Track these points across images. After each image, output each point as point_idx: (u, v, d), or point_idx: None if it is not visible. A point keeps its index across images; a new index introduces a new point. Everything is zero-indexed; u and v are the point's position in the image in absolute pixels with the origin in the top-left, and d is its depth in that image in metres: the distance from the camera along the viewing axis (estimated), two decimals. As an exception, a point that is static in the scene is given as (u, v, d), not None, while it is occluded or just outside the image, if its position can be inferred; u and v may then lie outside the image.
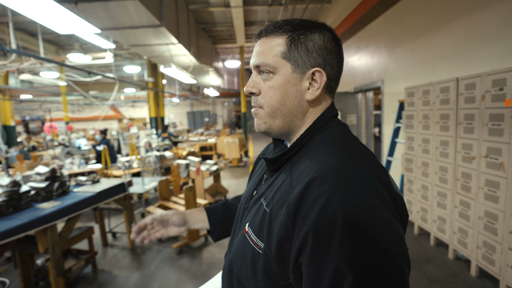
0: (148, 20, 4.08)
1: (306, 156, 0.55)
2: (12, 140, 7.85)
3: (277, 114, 0.59)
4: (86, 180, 2.96)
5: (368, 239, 0.42)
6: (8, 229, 1.85)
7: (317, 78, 0.58)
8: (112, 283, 2.51)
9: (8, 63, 4.46)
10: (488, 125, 2.12)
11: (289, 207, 0.48)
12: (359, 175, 0.48)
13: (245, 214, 0.65)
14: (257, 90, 0.60)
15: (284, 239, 0.49)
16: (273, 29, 0.58)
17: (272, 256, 0.50)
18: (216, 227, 0.91)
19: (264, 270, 0.52)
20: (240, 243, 0.61)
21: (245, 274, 0.57)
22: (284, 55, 0.57)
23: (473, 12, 2.51)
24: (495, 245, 2.10)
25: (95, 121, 17.63)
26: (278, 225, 0.50)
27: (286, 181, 0.55)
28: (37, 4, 2.43)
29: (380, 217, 0.44)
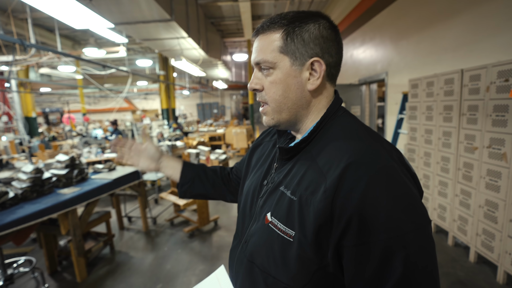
0: (159, 15, 4.19)
1: (327, 145, 0.56)
2: (34, 131, 8.24)
3: (282, 108, 0.60)
4: (103, 168, 3.14)
5: (409, 215, 0.46)
6: (33, 212, 2.00)
7: (317, 68, 0.58)
8: (128, 263, 2.70)
9: (28, 58, 4.69)
10: (491, 116, 2.14)
11: (326, 193, 0.49)
12: (385, 157, 0.50)
13: (259, 204, 0.64)
14: (260, 86, 0.61)
15: (322, 225, 0.49)
16: (269, 25, 0.59)
17: (309, 242, 0.51)
18: (186, 182, 0.92)
19: (297, 257, 0.52)
20: (262, 233, 0.60)
21: (273, 263, 0.56)
22: (281, 50, 0.58)
23: (479, 4, 2.49)
24: (494, 233, 2.15)
25: (110, 112, 18.11)
26: (315, 212, 0.50)
27: (311, 168, 0.55)
28: (54, 0, 2.58)
29: (412, 195, 0.48)
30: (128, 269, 2.61)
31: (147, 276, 2.49)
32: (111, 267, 2.66)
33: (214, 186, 0.95)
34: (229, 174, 0.98)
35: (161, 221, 3.67)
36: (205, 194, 0.95)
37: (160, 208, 4.14)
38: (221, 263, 2.63)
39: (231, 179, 0.97)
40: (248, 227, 0.66)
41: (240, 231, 0.70)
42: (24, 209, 2.06)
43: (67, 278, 2.51)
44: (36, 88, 12.45)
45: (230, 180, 0.97)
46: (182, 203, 3.19)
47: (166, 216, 3.81)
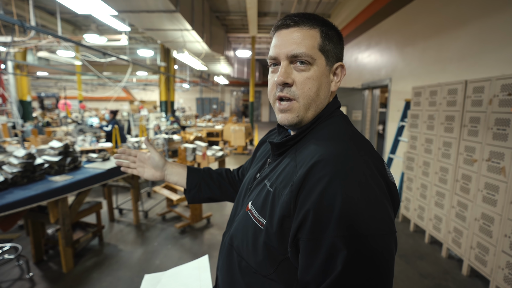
0: (163, 5, 4.12)
1: (310, 142, 0.58)
2: (28, 115, 8.10)
3: (311, 105, 0.60)
4: (97, 157, 3.08)
5: (363, 219, 0.46)
6: (22, 198, 1.95)
7: (339, 72, 0.62)
8: (117, 256, 2.65)
9: (27, 40, 4.58)
10: (493, 129, 2.13)
11: (293, 186, 0.52)
12: (358, 161, 0.51)
13: (248, 194, 0.69)
14: (291, 80, 0.59)
15: (286, 216, 0.52)
16: (305, 20, 0.59)
17: (273, 231, 0.54)
18: (193, 187, 0.93)
19: (264, 244, 0.56)
20: (242, 219, 0.64)
21: (245, 248, 0.60)
22: (321, 48, 0.59)
23: (486, 16, 2.47)
24: (488, 247, 2.14)
25: (107, 101, 17.91)
26: (281, 203, 0.53)
27: (290, 164, 0.58)
28: (57, -16, 2.51)
29: (374, 200, 0.48)
30: (116, 262, 2.56)
31: (135, 270, 2.44)
32: (99, 259, 2.61)
33: (220, 189, 0.96)
34: (236, 175, 0.99)
35: (153, 215, 3.62)
36: (213, 197, 0.96)
37: (152, 202, 4.09)
38: (211, 261, 2.60)
39: (237, 180, 0.99)
40: (237, 215, 0.71)
41: (231, 219, 0.74)
42: (13, 194, 2.01)
43: (52, 267, 2.45)
44: (33, 72, 12.25)
45: (236, 181, 0.98)
46: (175, 198, 3.14)
47: (158, 210, 3.76)
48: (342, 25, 5.95)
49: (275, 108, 0.63)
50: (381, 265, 0.46)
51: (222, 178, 0.97)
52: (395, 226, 0.50)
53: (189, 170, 0.95)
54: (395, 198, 0.54)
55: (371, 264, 0.46)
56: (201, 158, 4.25)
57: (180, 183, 0.93)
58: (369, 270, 0.46)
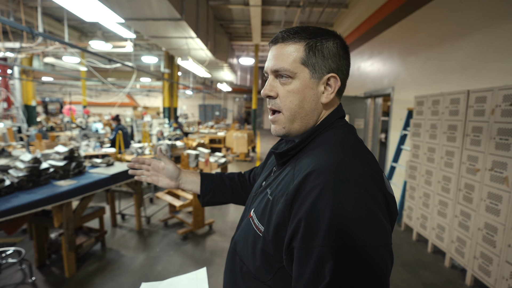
0: (169, 13, 4.20)
1: (309, 153, 0.60)
2: (32, 120, 8.18)
3: (296, 118, 0.62)
4: (101, 163, 3.10)
5: (353, 229, 0.46)
6: (27, 202, 1.97)
7: (332, 83, 0.62)
8: (119, 261, 2.65)
9: (35, 46, 4.67)
10: (495, 139, 2.14)
11: (287, 195, 0.53)
12: (354, 172, 0.51)
13: (253, 201, 0.71)
14: (275, 93, 0.63)
15: (281, 224, 0.54)
16: (290, 35, 0.61)
17: (270, 239, 0.56)
18: (207, 193, 0.95)
19: (262, 251, 0.58)
20: (245, 225, 0.67)
21: (246, 253, 0.63)
22: (303, 61, 0.60)
23: (489, 27, 2.51)
24: (492, 257, 2.13)
25: (111, 107, 18.06)
26: (277, 212, 0.55)
27: (289, 173, 0.60)
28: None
29: (367, 211, 0.47)
30: (118, 267, 2.55)
31: (137, 276, 2.44)
32: (101, 264, 2.61)
33: (233, 193, 0.99)
34: (248, 180, 1.02)
35: (155, 221, 3.62)
36: (226, 202, 1.00)
37: (155, 207, 4.09)
38: (213, 268, 2.59)
39: (248, 184, 1.02)
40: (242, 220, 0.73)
41: (239, 224, 0.76)
42: (19, 198, 2.03)
43: (55, 272, 2.45)
44: (38, 77, 12.40)
45: (247, 185, 1.02)
46: (178, 204, 3.15)
47: (161, 216, 3.76)
48: (345, 34, 6.03)
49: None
50: (373, 277, 0.45)
51: (235, 183, 1.00)
52: (390, 238, 0.50)
53: (202, 177, 0.97)
54: (392, 210, 0.53)
55: (361, 275, 0.45)
56: (204, 165, 4.27)
57: (195, 190, 0.95)
58: (359, 282, 0.45)
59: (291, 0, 6.01)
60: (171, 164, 0.92)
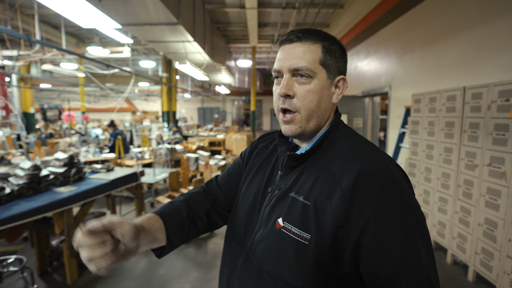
0: (166, 18, 4.22)
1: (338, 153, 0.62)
2: (31, 127, 8.18)
3: (312, 117, 0.63)
4: (101, 168, 3.11)
5: (413, 214, 0.54)
6: (28, 210, 1.96)
7: (340, 85, 0.66)
8: (121, 267, 2.64)
9: (32, 53, 4.68)
10: (492, 135, 2.16)
11: (343, 196, 0.54)
12: (391, 164, 0.58)
13: (266, 211, 0.64)
14: (293, 93, 0.62)
15: (340, 226, 0.53)
16: (307, 35, 0.62)
17: (327, 244, 0.54)
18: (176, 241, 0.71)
19: (315, 259, 0.55)
20: (273, 239, 0.60)
21: (286, 268, 0.57)
22: (321, 62, 0.62)
23: (483, 23, 2.53)
24: (493, 252, 2.13)
25: (110, 112, 18.07)
26: (332, 214, 0.54)
27: (323, 175, 0.59)
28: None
29: (412, 196, 0.56)
30: (120, 273, 2.55)
31: (140, 281, 2.44)
32: (103, 269, 2.60)
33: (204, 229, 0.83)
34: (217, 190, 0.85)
35: (156, 225, 3.61)
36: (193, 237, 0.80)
37: (155, 211, 4.09)
38: (215, 270, 2.59)
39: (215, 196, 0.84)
40: (253, 234, 0.65)
41: (241, 239, 0.68)
42: (19, 206, 2.02)
43: (57, 279, 2.45)
44: (36, 84, 12.42)
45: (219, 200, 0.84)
46: (179, 207, 3.15)
47: (162, 219, 3.75)
48: (341, 34, 6.06)
49: (279, 118, 0.65)
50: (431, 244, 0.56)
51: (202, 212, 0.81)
52: None
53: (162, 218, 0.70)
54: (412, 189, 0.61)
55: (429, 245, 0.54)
56: (204, 167, 4.28)
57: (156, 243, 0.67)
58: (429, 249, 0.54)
59: (287, 2, 6.05)
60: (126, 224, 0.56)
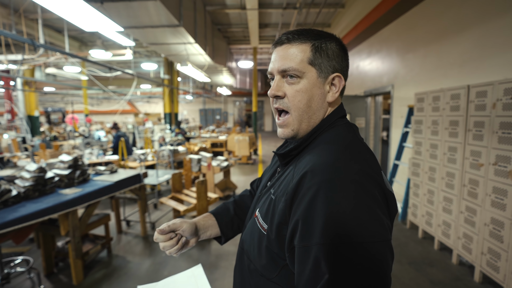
0: (167, 20, 4.24)
1: (309, 152, 0.62)
2: (36, 130, 8.25)
3: (303, 117, 0.63)
4: (105, 170, 3.12)
5: (349, 227, 0.47)
6: (34, 211, 1.98)
7: (336, 83, 0.64)
8: (125, 267, 2.66)
9: (36, 57, 4.72)
10: (498, 133, 2.14)
11: (287, 195, 0.56)
12: (350, 171, 0.52)
13: (258, 202, 0.73)
14: (282, 93, 0.63)
15: (282, 223, 0.56)
16: (296, 36, 0.63)
17: (273, 237, 0.58)
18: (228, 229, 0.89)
19: (266, 249, 0.60)
20: (250, 225, 0.70)
21: (252, 251, 0.65)
22: (310, 61, 0.62)
23: (486, 21, 2.52)
24: (500, 252, 2.11)
25: (113, 114, 18.17)
26: (279, 211, 0.57)
27: (290, 173, 0.62)
28: (67, 3, 2.61)
29: (364, 209, 0.48)
30: (124, 273, 2.56)
31: (144, 281, 2.44)
32: (108, 271, 2.61)
33: None
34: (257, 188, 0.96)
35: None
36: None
37: (159, 213, 4.10)
38: (219, 271, 2.60)
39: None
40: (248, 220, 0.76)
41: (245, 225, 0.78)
42: (26, 207, 2.04)
43: (63, 280, 2.47)
44: (40, 87, 12.52)
45: None
46: (182, 209, 3.16)
47: (165, 221, 3.76)
48: (342, 34, 6.05)
49: (276, 119, 0.68)
50: (372, 272, 0.46)
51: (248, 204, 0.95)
52: (389, 233, 0.51)
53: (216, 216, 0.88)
54: (391, 206, 0.54)
55: (360, 272, 0.45)
56: (207, 169, 4.29)
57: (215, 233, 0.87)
58: (358, 278, 0.45)
59: (288, 2, 6.05)
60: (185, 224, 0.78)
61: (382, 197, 0.53)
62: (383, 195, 0.53)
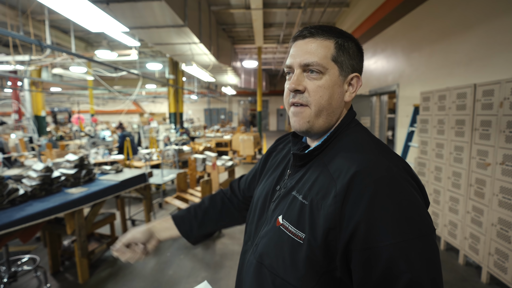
0: (172, 20, 4.26)
1: (340, 153, 0.59)
2: (42, 130, 8.36)
3: (322, 113, 0.62)
4: (111, 169, 3.15)
5: (413, 223, 0.48)
6: (41, 210, 2.01)
7: (354, 83, 0.64)
8: (130, 267, 2.67)
9: (43, 58, 4.79)
10: (505, 132, 2.11)
11: (336, 198, 0.52)
12: (394, 167, 0.53)
13: (271, 208, 0.67)
14: (303, 87, 0.61)
15: (331, 228, 0.52)
16: (320, 32, 0.62)
17: (318, 244, 0.53)
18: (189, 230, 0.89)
19: (307, 259, 0.54)
20: (273, 235, 0.62)
21: (282, 264, 0.58)
22: (334, 58, 0.61)
23: (493, 19, 2.48)
24: (508, 253, 2.08)
25: (118, 114, 18.33)
26: (325, 215, 0.53)
27: (323, 175, 0.58)
28: (73, 4, 2.64)
29: (417, 204, 0.50)
30: (130, 272, 2.58)
31: (149, 280, 2.46)
32: (113, 269, 2.64)
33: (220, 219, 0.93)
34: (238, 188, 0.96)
35: (165, 225, 3.64)
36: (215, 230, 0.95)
37: (164, 212, 4.13)
38: (224, 271, 2.60)
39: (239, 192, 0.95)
40: (260, 230, 0.68)
41: (252, 235, 0.71)
42: (33, 206, 2.07)
43: (69, 278, 2.50)
44: (47, 88, 12.69)
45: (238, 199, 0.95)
46: (187, 208, 3.17)
47: (170, 220, 3.78)
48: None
49: (289, 113, 0.65)
50: (438, 262, 0.49)
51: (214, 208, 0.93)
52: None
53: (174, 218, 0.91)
54: (426, 199, 0.57)
55: (432, 264, 0.48)
56: (211, 168, 4.30)
57: (175, 234, 0.89)
58: (432, 270, 0.47)
59: (292, 2, 6.03)
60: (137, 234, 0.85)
61: (420, 190, 0.55)
62: (420, 188, 0.55)
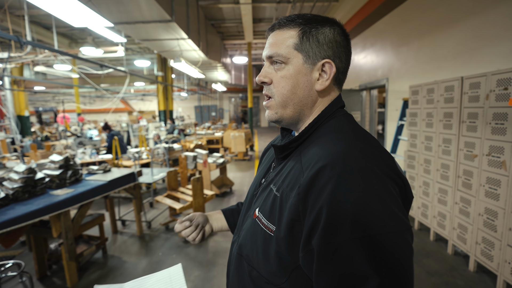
0: (159, 15, 4.16)
1: (314, 143, 0.58)
2: (26, 130, 8.10)
3: (288, 104, 0.61)
4: (98, 169, 3.07)
5: (378, 218, 0.45)
6: (24, 213, 1.93)
7: (327, 70, 0.60)
8: (121, 268, 2.63)
9: (24, 55, 4.61)
10: (491, 124, 2.14)
11: (300, 189, 0.51)
12: (366, 159, 0.50)
13: (254, 201, 0.68)
14: (269, 79, 0.62)
15: (295, 219, 0.51)
16: (286, 22, 0.61)
17: (282, 236, 0.52)
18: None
19: (276, 253, 0.54)
20: (250, 227, 0.63)
21: (255, 256, 0.58)
22: (296, 47, 0.59)
23: (479, 13, 2.51)
24: (494, 242, 2.13)
25: (106, 113, 17.96)
26: (289, 207, 0.52)
27: (296, 166, 0.57)
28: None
29: (387, 197, 0.47)
30: (120, 274, 2.53)
31: (141, 281, 2.42)
32: (103, 272, 2.58)
33: None
34: None
35: (156, 225, 3.59)
36: None
37: (155, 212, 4.07)
38: (217, 269, 2.58)
39: None
40: (245, 222, 0.69)
41: (239, 227, 0.72)
42: (15, 210, 1.99)
43: (56, 283, 2.43)
44: (30, 86, 12.29)
45: None
46: (178, 207, 3.13)
47: (161, 220, 3.74)
48: (336, 27, 6.02)
49: None
50: (404, 262, 0.45)
51: None
52: (409, 220, 0.49)
53: (224, 211, 0.96)
54: (408, 192, 0.54)
55: (394, 262, 0.44)
56: (202, 166, 4.25)
57: (224, 226, 0.94)
58: (394, 269, 0.44)
59: (281, -4, 5.99)
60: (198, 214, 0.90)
61: (400, 182, 0.52)
62: (400, 181, 0.52)
